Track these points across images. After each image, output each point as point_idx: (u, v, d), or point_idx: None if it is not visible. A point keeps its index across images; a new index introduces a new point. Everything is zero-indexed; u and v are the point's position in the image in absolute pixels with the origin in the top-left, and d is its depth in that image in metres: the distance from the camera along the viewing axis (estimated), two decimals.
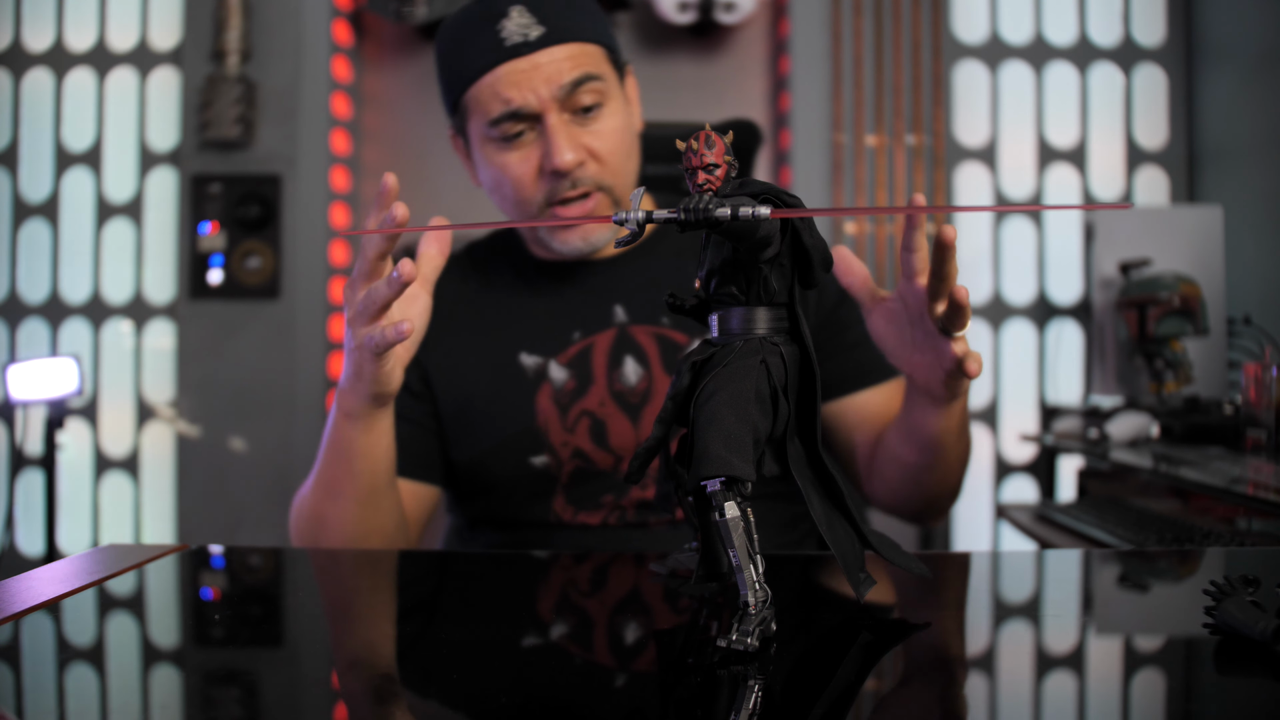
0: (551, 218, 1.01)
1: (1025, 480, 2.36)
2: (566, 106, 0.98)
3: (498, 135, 0.99)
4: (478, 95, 0.99)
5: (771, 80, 2.49)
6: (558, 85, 0.96)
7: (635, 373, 1.02)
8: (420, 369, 1.06)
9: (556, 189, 0.99)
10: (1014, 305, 2.39)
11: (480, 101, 0.99)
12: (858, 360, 1.07)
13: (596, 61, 1.00)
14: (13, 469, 2.20)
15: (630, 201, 0.53)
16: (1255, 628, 0.51)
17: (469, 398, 1.05)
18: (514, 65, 0.96)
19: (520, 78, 0.96)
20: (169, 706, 0.48)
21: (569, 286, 1.08)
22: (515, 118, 0.97)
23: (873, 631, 0.58)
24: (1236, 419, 1.62)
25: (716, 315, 0.57)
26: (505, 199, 1.03)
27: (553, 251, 1.07)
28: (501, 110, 0.97)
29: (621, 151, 1.02)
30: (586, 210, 1.00)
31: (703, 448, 0.51)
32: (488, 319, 1.08)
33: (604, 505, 1.01)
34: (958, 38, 2.39)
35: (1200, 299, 1.92)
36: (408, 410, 1.05)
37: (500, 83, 0.97)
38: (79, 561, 0.72)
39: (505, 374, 1.04)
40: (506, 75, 0.97)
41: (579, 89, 0.97)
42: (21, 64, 2.46)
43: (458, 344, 1.07)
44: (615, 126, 1.01)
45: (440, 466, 1.07)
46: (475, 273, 1.12)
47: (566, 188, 0.99)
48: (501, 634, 0.58)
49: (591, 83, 0.98)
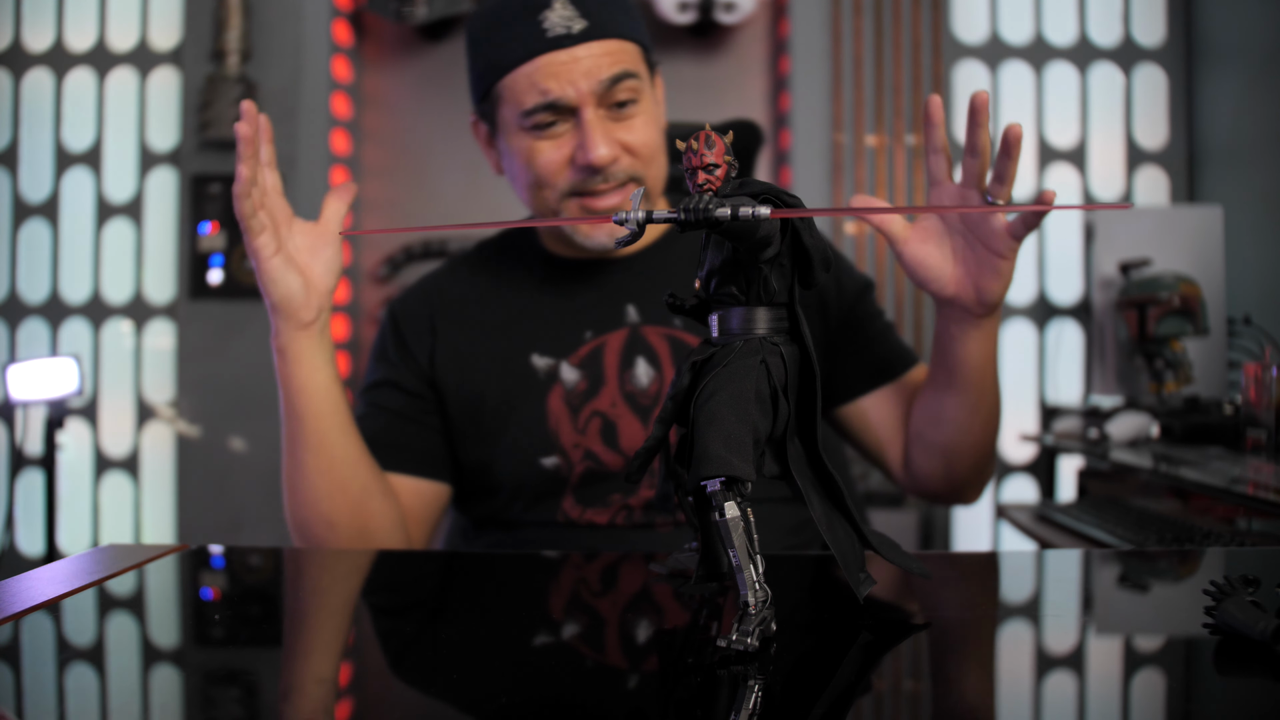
0: (578, 210, 1.00)
1: (1025, 480, 2.36)
2: (603, 102, 0.98)
3: (530, 124, 0.99)
4: (513, 84, 0.98)
5: (771, 80, 2.49)
6: (597, 80, 0.96)
7: (647, 374, 1.02)
8: (418, 367, 1.06)
9: (587, 182, 0.98)
10: (1014, 305, 2.39)
11: (516, 90, 0.98)
12: (881, 355, 1.07)
13: (633, 59, 1.00)
14: (13, 469, 2.20)
15: (631, 201, 0.53)
16: (1255, 628, 0.51)
17: (480, 397, 1.04)
18: (554, 57, 0.96)
19: (560, 70, 0.96)
20: (169, 706, 0.48)
21: (581, 286, 1.07)
22: (551, 109, 0.97)
23: (873, 631, 0.58)
24: (1236, 419, 1.62)
25: (716, 315, 0.57)
26: (528, 187, 1.02)
27: (574, 247, 1.06)
28: (538, 101, 0.97)
29: (654, 144, 1.02)
30: (618, 201, 1.00)
31: (703, 448, 0.51)
32: (499, 318, 1.07)
33: (612, 505, 1.00)
34: (958, 38, 2.39)
35: (1200, 299, 1.92)
36: (402, 407, 1.05)
37: (539, 73, 0.96)
38: (79, 561, 0.72)
39: (516, 375, 1.04)
40: (546, 66, 0.96)
41: (616, 85, 0.97)
42: (21, 64, 2.46)
43: (468, 342, 1.06)
44: (647, 122, 1.01)
45: (447, 464, 1.07)
46: (485, 271, 1.11)
47: (598, 182, 0.98)
48: (502, 634, 0.58)
49: (628, 80, 0.98)
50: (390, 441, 1.02)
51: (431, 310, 1.08)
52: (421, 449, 1.04)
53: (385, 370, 1.07)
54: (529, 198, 1.04)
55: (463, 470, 1.07)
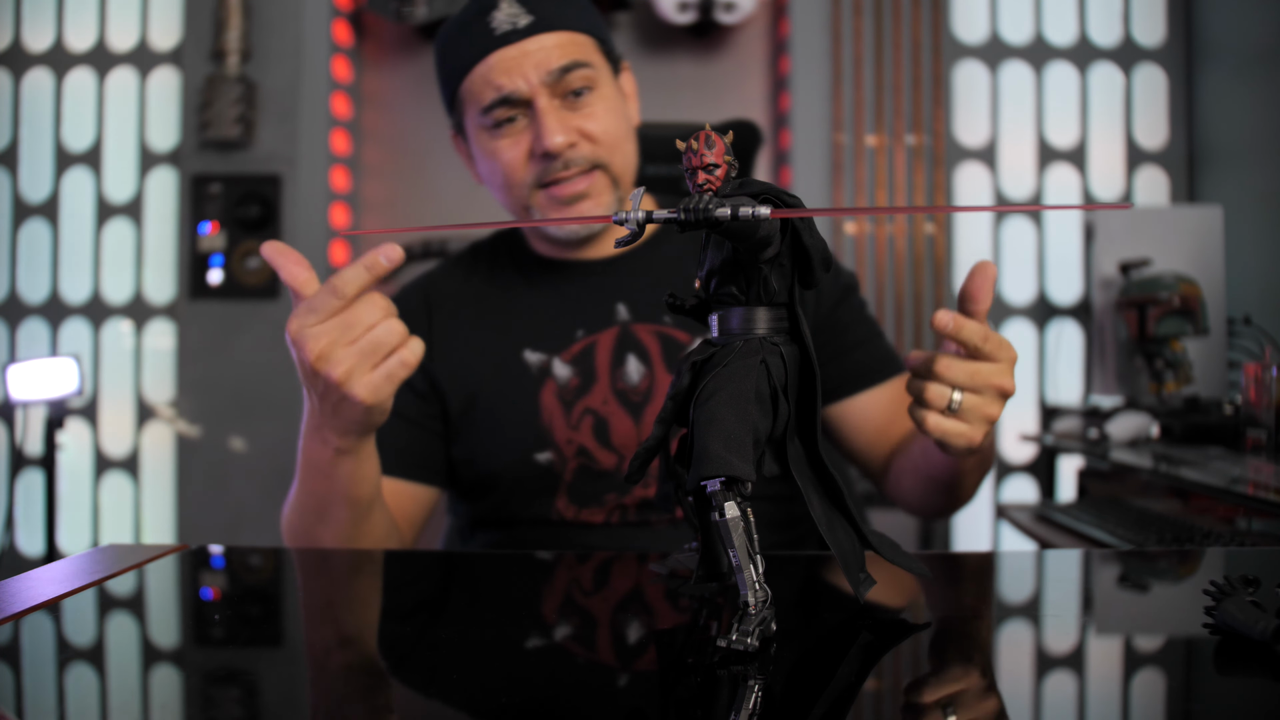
0: (545, 200, 1.01)
1: (1025, 480, 2.36)
2: (556, 91, 1.00)
3: (490, 123, 1.01)
4: (471, 86, 1.01)
5: (771, 80, 2.49)
6: (546, 70, 0.98)
7: (637, 371, 1.02)
8: (447, 368, 1.06)
9: (547, 170, 1.00)
10: (1014, 305, 2.39)
11: (473, 91, 1.01)
12: (858, 361, 1.07)
13: (585, 50, 1.02)
14: (13, 469, 2.20)
15: (630, 201, 0.53)
16: (1255, 628, 0.50)
17: (473, 394, 1.05)
18: (504, 53, 0.99)
19: (510, 64, 0.99)
20: (169, 706, 0.48)
21: (571, 284, 1.08)
22: (506, 103, 0.99)
23: (873, 631, 0.58)
24: (1236, 419, 1.62)
25: (716, 315, 0.57)
26: (498, 187, 1.05)
27: (551, 242, 1.07)
28: (493, 97, 0.99)
29: (615, 132, 1.03)
30: (583, 188, 1.01)
31: (702, 448, 0.51)
32: (491, 316, 1.08)
33: (606, 504, 1.01)
34: (958, 38, 2.39)
35: (1200, 299, 1.92)
36: (411, 411, 1.05)
37: (492, 70, 0.99)
38: (79, 561, 0.72)
39: (509, 371, 1.04)
40: (498, 63, 0.99)
41: (568, 74, 0.99)
42: (21, 64, 2.46)
43: (461, 341, 1.07)
44: (607, 110, 1.02)
45: (442, 468, 1.07)
46: (478, 271, 1.12)
47: (558, 169, 1.00)
48: (501, 634, 0.58)
49: (580, 70, 1.00)
50: (393, 445, 1.02)
51: (427, 307, 1.09)
52: (418, 453, 1.05)
53: None
54: (503, 198, 1.06)
55: (457, 468, 1.07)
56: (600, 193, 1.02)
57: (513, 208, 1.05)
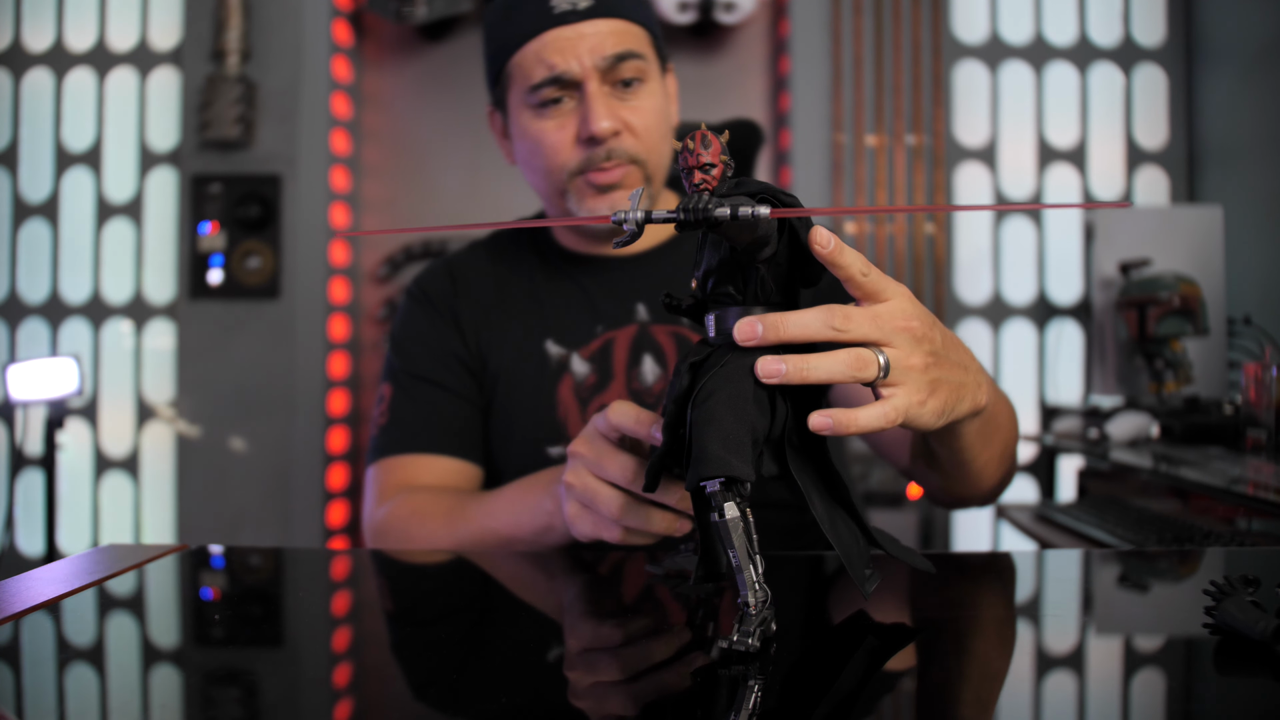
0: (583, 184, 1.00)
1: (1025, 480, 2.35)
2: (607, 78, 0.99)
3: (536, 101, 1.00)
4: (521, 61, 1.00)
5: (771, 80, 2.49)
6: (600, 55, 0.98)
7: (653, 372, 1.02)
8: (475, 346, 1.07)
9: (592, 158, 0.99)
10: (1014, 305, 2.39)
11: (523, 68, 1.00)
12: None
13: (639, 41, 1.01)
14: (13, 469, 2.20)
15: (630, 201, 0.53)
16: (1255, 628, 0.50)
17: (497, 378, 1.06)
18: (560, 32, 0.98)
19: (565, 44, 0.98)
20: (169, 706, 0.48)
21: (593, 280, 1.08)
22: (556, 83, 0.98)
23: (873, 632, 0.58)
24: (1236, 419, 1.62)
25: (713, 315, 0.57)
26: (538, 170, 1.03)
27: (577, 234, 1.07)
28: (544, 75, 0.98)
29: (657, 130, 1.02)
30: (619, 177, 1.00)
31: (701, 448, 0.51)
32: (516, 302, 1.08)
33: None
34: (958, 38, 2.39)
35: (1200, 299, 1.92)
36: (465, 390, 1.06)
37: (545, 49, 0.98)
38: (79, 561, 0.71)
39: (531, 360, 1.05)
40: (552, 41, 0.98)
41: (621, 63, 0.99)
42: (21, 64, 2.46)
43: (486, 322, 1.08)
44: (653, 105, 1.02)
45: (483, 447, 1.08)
46: (504, 258, 1.13)
47: (602, 158, 0.99)
48: (502, 634, 0.58)
49: (633, 60, 0.99)
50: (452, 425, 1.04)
51: (454, 288, 1.10)
52: (477, 433, 1.06)
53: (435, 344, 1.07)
54: (538, 181, 1.04)
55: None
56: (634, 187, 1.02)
57: (548, 191, 1.04)
